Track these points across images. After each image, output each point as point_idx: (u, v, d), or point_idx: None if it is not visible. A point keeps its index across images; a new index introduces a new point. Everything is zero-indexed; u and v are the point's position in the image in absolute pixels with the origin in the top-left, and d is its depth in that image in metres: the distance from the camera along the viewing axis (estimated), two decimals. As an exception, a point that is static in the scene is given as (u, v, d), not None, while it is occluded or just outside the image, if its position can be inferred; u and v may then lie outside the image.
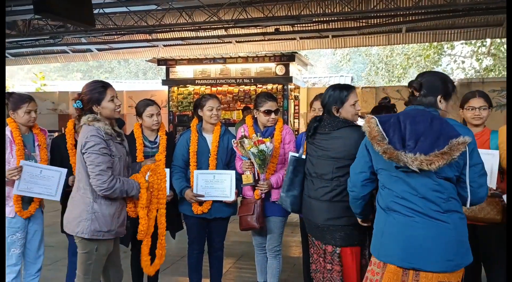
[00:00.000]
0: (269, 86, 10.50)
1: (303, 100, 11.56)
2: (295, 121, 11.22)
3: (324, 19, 9.40)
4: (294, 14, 9.02)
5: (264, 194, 3.55)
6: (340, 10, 8.90)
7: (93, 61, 25.40)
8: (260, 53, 10.71)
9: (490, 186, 2.79)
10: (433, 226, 2.15)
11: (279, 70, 10.43)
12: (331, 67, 31.06)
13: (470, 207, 2.37)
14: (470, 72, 18.60)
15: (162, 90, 11.88)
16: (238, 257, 5.30)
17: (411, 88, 2.36)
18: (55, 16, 6.45)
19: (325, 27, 10.11)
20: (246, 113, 8.25)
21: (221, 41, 11.15)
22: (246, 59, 10.61)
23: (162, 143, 3.70)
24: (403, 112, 2.33)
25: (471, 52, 18.13)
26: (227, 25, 9.62)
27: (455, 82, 11.73)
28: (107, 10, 9.19)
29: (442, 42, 15.70)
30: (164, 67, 11.34)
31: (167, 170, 3.47)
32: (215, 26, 9.94)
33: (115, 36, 11.24)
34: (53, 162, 3.53)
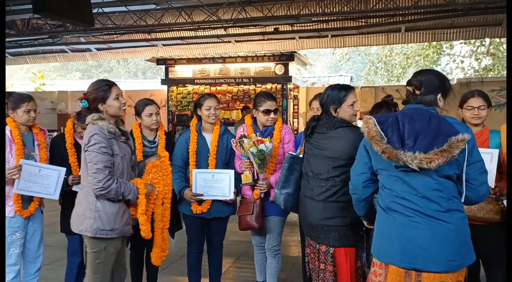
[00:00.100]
0: (268, 85, 10.51)
1: (302, 100, 11.56)
2: (294, 121, 11.22)
3: (324, 18, 9.41)
4: (294, 13, 9.02)
5: (263, 194, 3.55)
6: (339, 10, 8.91)
7: (92, 61, 25.38)
8: (259, 53, 10.71)
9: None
10: (433, 226, 2.13)
11: (278, 69, 10.43)
12: (330, 66, 31.07)
13: (469, 207, 2.36)
14: (469, 72, 18.61)
15: (161, 90, 11.88)
16: (237, 257, 5.30)
17: (411, 87, 2.34)
18: (54, 15, 6.44)
19: (325, 27, 10.12)
20: (245, 113, 8.25)
21: (220, 41, 11.15)
22: (245, 59, 10.61)
23: (161, 142, 3.69)
24: (401, 112, 2.31)
25: (470, 52, 18.15)
26: (226, 25, 9.62)
27: (454, 82, 11.73)
28: (106, 10, 9.18)
29: (441, 42, 15.72)
30: (163, 66, 11.34)
31: None
32: (214, 26, 9.94)
33: (114, 36, 11.24)
34: (52, 161, 3.52)
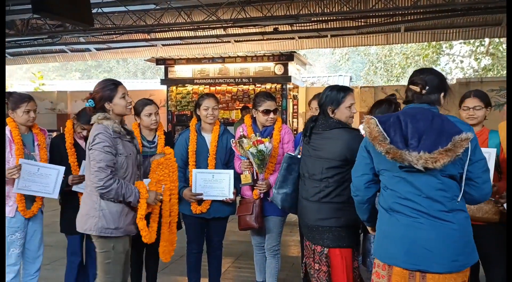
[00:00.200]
0: (268, 85, 10.49)
1: (301, 100, 11.55)
2: (294, 120, 11.22)
3: (323, 18, 9.40)
4: (293, 13, 9.01)
5: (263, 194, 3.55)
6: (339, 10, 8.90)
7: (92, 61, 25.35)
8: (259, 53, 10.70)
9: None
10: (437, 227, 2.12)
11: (278, 69, 10.42)
12: (330, 66, 31.07)
13: (468, 206, 2.36)
14: (468, 72, 18.62)
15: (160, 90, 11.86)
16: (237, 257, 5.30)
17: (417, 86, 2.29)
18: (53, 15, 6.44)
19: (324, 27, 10.11)
20: (244, 113, 8.23)
21: (219, 41, 11.14)
22: (244, 59, 10.60)
23: (160, 142, 3.69)
24: (402, 112, 2.30)
25: (469, 52, 18.15)
26: (225, 25, 9.61)
27: (454, 81, 11.70)
28: (105, 10, 9.16)
29: (441, 42, 15.73)
30: (162, 66, 11.32)
31: None
32: (214, 26, 9.93)
33: (114, 36, 11.22)
34: (52, 161, 3.53)
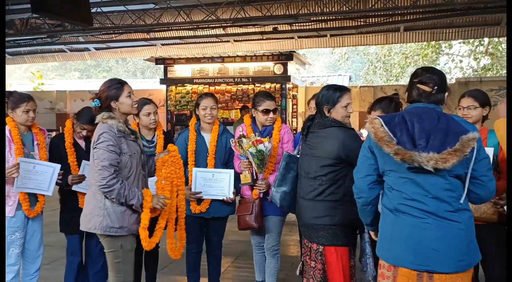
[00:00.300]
0: (267, 85, 10.49)
1: (301, 100, 11.55)
2: (293, 120, 11.22)
3: (322, 18, 9.40)
4: (292, 13, 9.01)
5: (263, 194, 3.55)
6: (338, 9, 8.90)
7: (91, 60, 25.28)
8: (258, 52, 10.70)
9: None
10: (444, 227, 2.11)
11: (277, 69, 10.42)
12: (329, 66, 31.07)
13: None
14: (468, 72, 18.63)
15: (160, 89, 11.86)
16: (236, 256, 5.30)
17: (428, 86, 2.25)
18: (52, 15, 6.43)
19: (323, 26, 10.11)
20: (244, 113, 8.23)
21: (219, 40, 11.14)
22: (244, 58, 10.59)
23: (159, 142, 3.69)
24: (407, 111, 2.26)
25: (469, 51, 18.17)
26: (225, 24, 9.61)
27: (453, 81, 11.67)
28: (104, 9, 9.16)
29: (440, 41, 15.74)
30: (162, 66, 11.31)
31: None
32: (213, 25, 9.93)
33: (113, 35, 11.21)
34: (52, 161, 3.52)
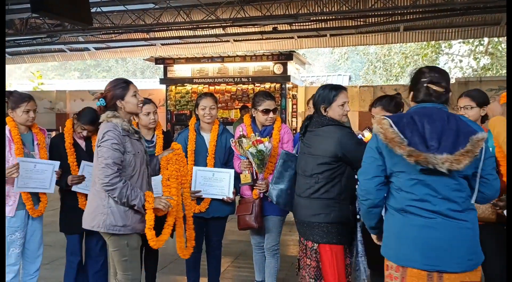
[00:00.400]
0: (267, 85, 10.49)
1: (301, 99, 11.55)
2: (293, 120, 11.22)
3: (322, 18, 9.40)
4: (292, 13, 9.01)
5: (262, 194, 3.55)
6: (338, 9, 8.90)
7: (91, 60, 25.26)
8: (258, 52, 10.70)
9: None
10: (453, 226, 2.11)
11: (277, 69, 10.42)
12: (329, 66, 31.07)
13: None
14: (467, 71, 18.63)
15: (159, 89, 11.86)
16: (236, 256, 5.30)
17: (440, 86, 2.23)
18: (52, 14, 6.43)
19: (323, 26, 10.11)
20: (244, 113, 8.23)
21: (219, 40, 11.14)
22: (244, 58, 10.59)
23: (159, 142, 3.69)
24: (415, 111, 2.22)
25: (468, 51, 18.17)
26: (225, 24, 9.62)
27: (453, 81, 11.70)
28: (104, 9, 9.15)
29: (440, 41, 15.74)
30: (161, 66, 11.30)
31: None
32: (213, 25, 9.93)
33: (113, 35, 11.21)
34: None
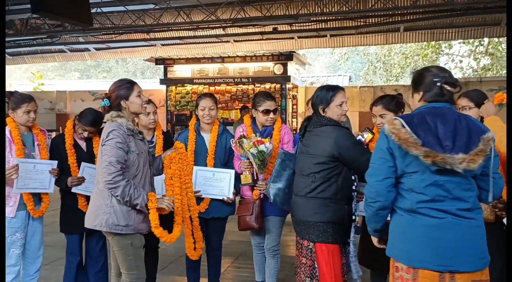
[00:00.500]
0: (267, 85, 10.49)
1: (301, 100, 11.55)
2: (293, 120, 11.22)
3: (322, 18, 9.40)
4: (292, 13, 9.02)
5: (263, 194, 3.54)
6: (338, 10, 8.90)
7: (91, 61, 25.29)
8: (258, 53, 10.70)
9: None
10: (463, 226, 2.11)
11: (277, 69, 10.42)
12: (329, 66, 31.07)
13: None
14: (467, 72, 18.63)
15: (160, 90, 11.86)
16: (236, 257, 5.30)
17: (455, 87, 2.23)
18: (52, 15, 6.44)
19: (323, 27, 10.11)
20: (244, 113, 8.22)
21: (219, 41, 11.14)
22: (244, 59, 10.59)
23: (159, 142, 3.70)
24: (426, 111, 2.19)
25: (468, 52, 18.17)
26: (225, 25, 9.62)
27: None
28: (104, 9, 9.16)
29: (440, 42, 15.73)
30: (162, 66, 11.31)
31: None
32: (213, 26, 9.93)
33: (113, 36, 11.22)
34: (52, 161, 3.52)
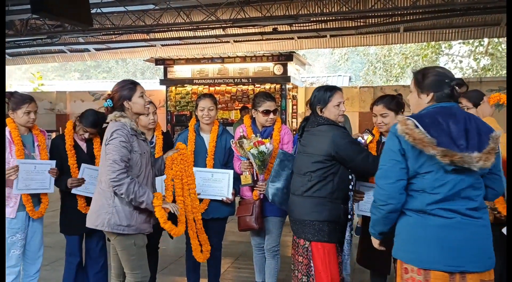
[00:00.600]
0: (267, 86, 10.48)
1: (301, 100, 11.54)
2: (293, 121, 11.21)
3: (322, 18, 9.40)
4: (292, 13, 9.02)
5: (263, 195, 3.54)
6: (338, 10, 8.90)
7: (91, 61, 25.32)
8: (258, 53, 10.69)
9: None
10: (472, 225, 2.11)
11: (277, 70, 10.41)
12: (329, 66, 31.08)
13: None
14: (467, 72, 18.62)
15: (160, 90, 11.85)
16: (236, 257, 5.29)
17: (461, 87, 2.24)
18: (52, 15, 6.44)
19: (323, 27, 10.11)
20: (244, 113, 8.22)
21: (219, 41, 11.13)
22: (244, 59, 10.58)
23: (158, 142, 3.70)
24: (437, 111, 2.18)
25: (468, 52, 18.16)
26: (225, 25, 9.61)
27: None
28: (104, 10, 9.16)
29: (440, 42, 15.73)
30: (162, 67, 11.30)
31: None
32: (213, 26, 9.93)
33: (113, 36, 11.21)
34: (52, 162, 3.52)
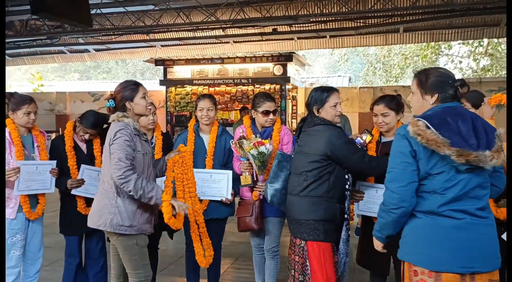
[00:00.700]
0: (267, 86, 10.49)
1: (301, 101, 11.53)
2: (293, 121, 11.22)
3: (322, 19, 9.40)
4: (292, 14, 9.01)
5: (263, 195, 3.54)
6: (337, 10, 8.90)
7: (91, 62, 25.34)
8: (258, 54, 10.70)
9: None
10: (480, 225, 2.11)
11: (277, 70, 10.42)
12: (329, 67, 31.09)
13: None
14: (467, 72, 18.64)
15: (159, 91, 11.86)
16: (236, 258, 5.29)
17: (465, 86, 2.27)
18: (52, 16, 6.44)
19: (323, 27, 10.11)
20: (243, 114, 8.22)
21: (218, 42, 11.14)
22: (243, 60, 10.59)
23: (158, 143, 3.70)
24: (445, 111, 2.17)
25: (468, 52, 18.17)
26: (224, 26, 9.61)
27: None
28: (104, 11, 9.16)
29: (440, 42, 15.74)
30: (161, 67, 11.31)
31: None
32: (213, 26, 9.93)
33: (113, 37, 11.22)
34: (52, 163, 3.52)
